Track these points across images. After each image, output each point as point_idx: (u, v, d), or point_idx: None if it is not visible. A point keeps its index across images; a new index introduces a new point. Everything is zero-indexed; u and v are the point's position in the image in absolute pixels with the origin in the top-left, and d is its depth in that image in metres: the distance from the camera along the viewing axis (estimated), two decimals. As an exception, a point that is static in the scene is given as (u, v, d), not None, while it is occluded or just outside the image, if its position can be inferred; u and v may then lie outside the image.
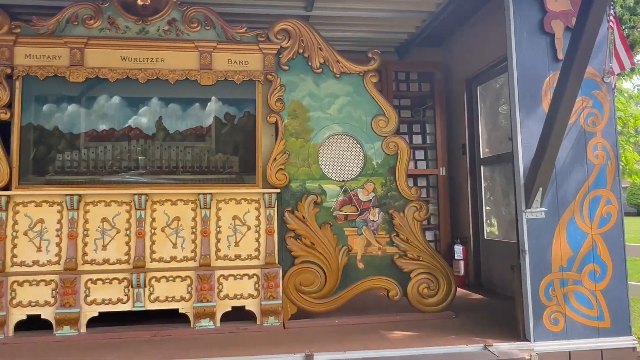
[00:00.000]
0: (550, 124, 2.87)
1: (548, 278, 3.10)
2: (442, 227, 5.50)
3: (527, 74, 3.19)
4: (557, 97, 2.83)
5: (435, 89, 5.62)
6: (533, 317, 3.06)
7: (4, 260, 3.29)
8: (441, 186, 5.55)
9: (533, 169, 3.05)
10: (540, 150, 2.97)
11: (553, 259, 3.12)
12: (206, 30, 3.68)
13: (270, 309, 3.46)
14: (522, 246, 3.13)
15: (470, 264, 5.27)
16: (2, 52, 3.42)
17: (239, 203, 3.59)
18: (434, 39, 5.77)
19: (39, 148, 3.44)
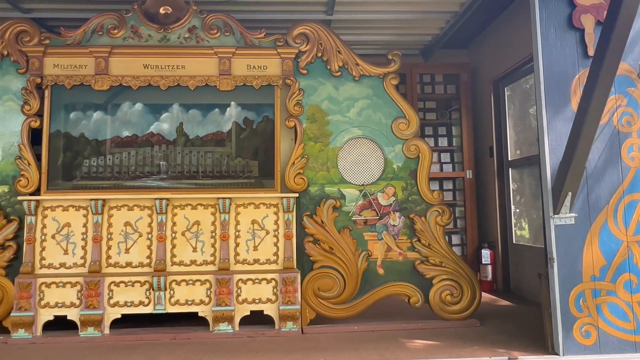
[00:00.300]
0: (579, 124, 2.61)
1: (579, 288, 2.82)
2: (469, 231, 5.22)
3: (554, 72, 2.93)
4: (586, 95, 2.57)
5: (461, 91, 5.36)
6: (562, 330, 2.79)
7: (33, 263, 3.32)
8: (467, 189, 5.28)
9: (561, 172, 2.79)
10: (568, 152, 2.71)
11: (584, 267, 2.84)
12: (225, 36, 3.61)
13: (288, 314, 3.34)
14: (550, 254, 2.87)
15: (498, 269, 4.98)
16: (32, 62, 3.47)
17: (258, 207, 3.49)
18: (460, 41, 5.51)
19: (66, 154, 3.46)
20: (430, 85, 5.47)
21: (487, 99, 5.17)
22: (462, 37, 5.46)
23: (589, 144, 2.63)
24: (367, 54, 5.37)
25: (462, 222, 5.32)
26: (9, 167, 3.43)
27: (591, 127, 2.56)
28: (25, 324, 3.22)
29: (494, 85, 5.05)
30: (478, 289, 3.56)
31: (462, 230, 5.32)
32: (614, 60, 2.41)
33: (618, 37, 2.37)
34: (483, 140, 5.33)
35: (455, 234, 5.34)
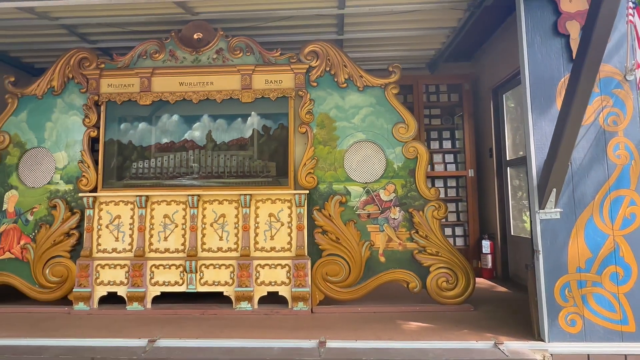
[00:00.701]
0: (562, 124, 2.30)
1: (564, 279, 2.50)
2: (471, 224, 4.87)
3: (540, 76, 2.62)
4: (568, 96, 2.25)
5: (463, 99, 5.00)
6: (548, 318, 2.48)
7: (91, 248, 3.37)
8: (469, 186, 4.92)
9: (546, 169, 2.48)
10: (552, 151, 2.40)
11: (569, 259, 2.51)
12: (247, 56, 3.52)
13: (299, 295, 3.20)
14: (536, 246, 2.56)
15: (497, 258, 4.61)
16: (91, 83, 3.53)
17: (274, 202, 3.38)
18: (464, 54, 5.16)
19: (117, 158, 3.49)
20: (435, 94, 5.15)
21: (487, 105, 4.80)
22: (466, 51, 5.10)
23: (572, 143, 2.32)
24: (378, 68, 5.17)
25: (465, 215, 4.97)
26: (73, 170, 3.51)
27: (574, 126, 2.25)
28: (84, 298, 3.27)
29: (493, 93, 4.67)
30: (472, 277, 3.28)
31: (464, 223, 4.97)
32: (594, 61, 2.10)
33: (598, 39, 2.06)
34: (483, 142, 4.96)
35: (459, 226, 5.00)
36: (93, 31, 3.95)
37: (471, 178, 4.91)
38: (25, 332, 2.78)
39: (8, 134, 3.56)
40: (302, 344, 2.51)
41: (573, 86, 2.19)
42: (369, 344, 2.50)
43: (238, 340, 2.57)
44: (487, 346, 2.46)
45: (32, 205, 3.49)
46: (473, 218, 4.88)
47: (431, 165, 5.03)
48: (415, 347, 2.45)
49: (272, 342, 2.54)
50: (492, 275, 4.58)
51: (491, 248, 4.60)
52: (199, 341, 2.57)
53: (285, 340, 2.56)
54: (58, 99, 3.57)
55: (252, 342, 2.54)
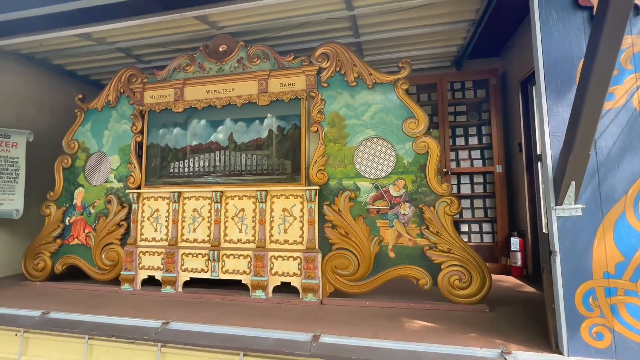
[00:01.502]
0: (578, 106, 1.73)
1: (587, 285, 1.91)
2: (499, 220, 4.17)
3: (557, 56, 2.04)
4: (585, 72, 1.69)
5: (490, 94, 4.32)
6: (567, 328, 1.91)
7: (135, 237, 3.42)
8: (497, 182, 4.22)
9: (562, 160, 1.91)
10: (569, 139, 1.84)
11: (595, 263, 1.91)
12: (263, 62, 3.32)
13: (309, 287, 2.92)
14: (552, 247, 1.99)
15: (528, 256, 3.88)
16: (136, 96, 3.60)
17: (288, 198, 3.13)
18: (491, 49, 4.49)
19: (156, 159, 3.51)
20: (461, 91, 4.52)
21: (516, 99, 4.07)
22: (493, 46, 4.43)
23: (592, 129, 1.74)
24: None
25: (493, 212, 4.28)
26: (123, 170, 3.61)
27: (593, 109, 1.68)
28: (129, 280, 3.32)
29: (521, 86, 3.94)
30: (488, 276, 2.72)
31: (492, 220, 4.29)
32: (617, 25, 1.52)
33: (621, -1, 1.49)
34: (512, 137, 4.23)
35: (486, 222, 4.33)
36: (144, 52, 4.06)
37: (499, 174, 4.21)
38: (74, 306, 2.87)
39: (77, 142, 3.78)
40: (297, 336, 2.22)
41: (590, 59, 1.62)
42: (363, 341, 2.13)
43: (240, 328, 2.35)
44: (491, 355, 1.96)
45: (93, 200, 3.65)
46: (502, 214, 4.18)
47: (456, 161, 4.43)
48: (410, 349, 2.03)
49: (270, 333, 2.29)
50: (522, 274, 3.87)
51: (521, 245, 3.89)
52: (205, 326, 2.41)
53: (282, 331, 2.29)
54: (113, 111, 3.70)
55: (252, 331, 2.31)
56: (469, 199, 4.38)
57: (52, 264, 3.63)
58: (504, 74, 4.44)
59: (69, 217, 3.70)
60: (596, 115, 1.69)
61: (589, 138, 1.75)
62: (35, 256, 3.67)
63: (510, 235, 3.99)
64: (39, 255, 3.66)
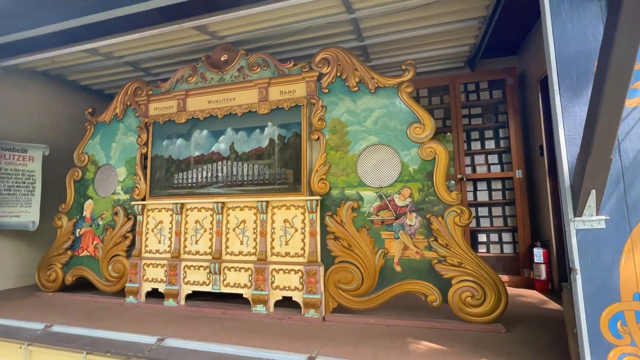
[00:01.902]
0: (595, 104, 1.53)
1: (615, 308, 1.67)
2: (520, 230, 3.88)
3: (570, 50, 1.83)
4: (601, 64, 1.48)
5: (507, 94, 4.06)
6: (592, 357, 1.67)
7: (140, 249, 3.42)
8: (517, 188, 3.94)
9: (580, 165, 1.70)
10: (586, 141, 1.63)
11: (622, 283, 1.67)
12: (264, 70, 3.26)
13: (310, 302, 2.78)
14: (572, 263, 1.77)
15: (553, 268, 3.57)
16: (141, 108, 3.63)
17: (289, 209, 3.02)
18: (508, 47, 4.25)
19: (160, 171, 3.51)
20: (475, 92, 4.29)
21: (535, 99, 3.80)
22: (509, 44, 4.19)
23: (612, 129, 1.52)
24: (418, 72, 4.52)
25: (513, 220, 3.99)
26: (129, 182, 3.64)
27: (613, 107, 1.47)
28: (133, 292, 3.31)
29: (541, 85, 3.67)
30: (504, 294, 2.49)
31: (513, 229, 3.99)
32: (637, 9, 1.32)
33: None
34: (532, 140, 3.95)
35: (506, 232, 4.04)
36: (151, 65, 4.12)
37: (519, 179, 3.93)
38: (77, 319, 2.87)
39: (87, 155, 3.86)
40: (292, 357, 2.10)
41: (606, 50, 1.42)
42: (360, 365, 1.98)
43: (234, 347, 2.25)
44: (503, 385, 1.75)
45: (102, 212, 3.70)
46: (523, 223, 3.89)
47: (472, 167, 4.18)
48: (411, 377, 1.85)
49: (264, 353, 2.17)
50: (546, 288, 3.56)
51: (545, 257, 3.59)
52: (200, 344, 2.32)
53: (277, 351, 2.17)
54: (120, 124, 3.76)
55: (246, 351, 2.21)
56: (486, 207, 4.11)
57: (63, 275, 3.70)
58: (522, 73, 4.18)
59: (79, 229, 3.77)
60: (617, 114, 1.48)
61: (609, 140, 1.53)
62: (48, 267, 3.75)
63: (533, 246, 3.70)
64: (51, 266, 3.74)
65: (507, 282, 3.82)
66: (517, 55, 4.38)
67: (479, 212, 4.12)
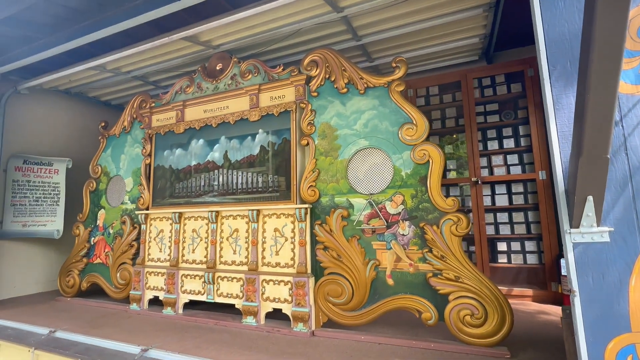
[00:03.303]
0: (582, 90, 1.26)
1: (624, 340, 1.36)
2: (546, 237, 3.45)
3: (562, 31, 1.57)
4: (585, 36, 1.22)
5: (526, 87, 3.66)
6: (596, 398, 1.38)
7: (143, 257, 3.51)
8: (541, 191, 3.52)
9: (573, 167, 1.42)
10: (576, 137, 1.36)
11: (633, 309, 1.36)
12: (255, 76, 3.22)
13: (299, 316, 2.65)
14: (569, 283, 1.48)
15: (585, 283, 3.12)
16: (145, 120, 3.76)
17: (279, 217, 2.93)
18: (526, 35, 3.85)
19: (161, 180, 3.58)
20: (491, 87, 3.92)
21: (559, 90, 3.39)
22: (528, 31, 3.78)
23: (606, 121, 1.25)
24: (421, 70, 4.27)
25: (537, 227, 3.57)
26: (136, 192, 3.76)
27: (603, 89, 1.20)
28: (137, 299, 3.40)
29: (564, 74, 3.27)
30: (509, 313, 2.19)
31: (537, 237, 3.57)
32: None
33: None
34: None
35: (530, 240, 3.62)
36: (158, 78, 4.26)
37: (543, 181, 3.51)
38: (81, 325, 2.98)
39: (100, 167, 4.06)
40: (263, 376, 1.99)
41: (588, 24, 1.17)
42: (331, 390, 1.81)
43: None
44: None
45: (112, 221, 3.86)
46: (549, 230, 3.46)
47: (489, 168, 3.82)
48: (382, 407, 1.65)
49: (237, 369, 2.08)
50: (577, 305, 3.11)
51: (574, 269, 3.15)
52: (180, 356, 2.29)
53: (251, 368, 2.08)
54: (128, 136, 3.91)
55: (220, 366, 2.14)
56: (506, 212, 3.72)
57: (80, 281, 3.90)
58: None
59: (93, 237, 3.96)
60: (609, 102, 1.21)
61: (602, 135, 1.26)
62: (67, 274, 3.98)
63: (561, 256, 3.27)
64: (70, 272, 3.97)
65: (531, 296, 3.42)
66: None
67: (498, 219, 3.74)
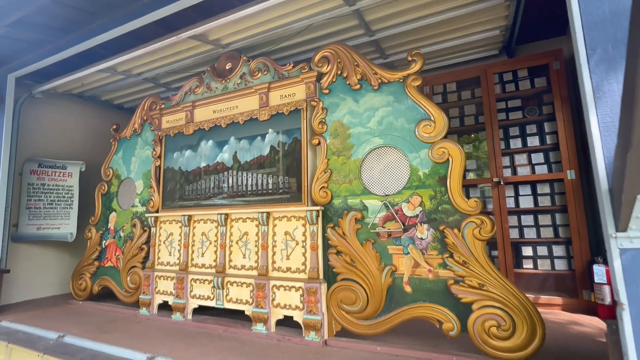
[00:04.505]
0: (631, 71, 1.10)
1: (684, 362, 1.18)
2: (576, 242, 3.21)
3: (603, 10, 1.40)
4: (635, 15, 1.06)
5: (552, 82, 3.44)
6: None
7: (153, 261, 3.46)
8: (570, 192, 3.28)
9: (619, 163, 1.25)
10: (623, 128, 1.19)
11: (695, 326, 1.18)
12: (264, 75, 3.13)
13: (310, 324, 2.52)
14: (616, 295, 1.30)
15: (621, 291, 2.87)
16: (155, 122, 3.72)
17: (290, 220, 2.82)
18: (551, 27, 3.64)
19: (171, 183, 3.53)
20: (513, 82, 3.71)
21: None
22: (552, 22, 3.58)
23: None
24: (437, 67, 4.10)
25: (566, 230, 3.33)
26: (146, 194, 3.72)
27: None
28: (146, 304, 3.34)
29: (594, 66, 3.05)
30: (540, 324, 2.00)
31: (566, 241, 3.33)
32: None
33: None
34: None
35: (558, 244, 3.38)
36: (169, 79, 4.24)
37: (572, 181, 3.28)
38: (90, 330, 2.94)
39: (112, 169, 4.05)
40: (272, 390, 1.87)
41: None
42: (344, 407, 1.68)
43: (217, 371, 2.10)
44: None
45: (123, 224, 3.83)
46: (579, 234, 3.22)
47: (512, 168, 3.61)
48: None
49: (245, 381, 1.97)
50: (612, 315, 2.87)
51: (608, 276, 2.91)
52: (186, 365, 2.21)
53: (259, 380, 1.96)
54: (138, 138, 3.89)
55: (228, 377, 2.03)
56: (531, 215, 3.50)
57: (92, 284, 3.89)
58: (572, 55, 3.53)
59: (104, 240, 3.95)
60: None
61: (657, 125, 1.09)
62: (79, 277, 3.98)
63: (593, 262, 3.04)
64: (82, 276, 3.96)
65: (560, 305, 3.18)
66: (565, 34, 3.73)
67: (522, 221, 3.52)
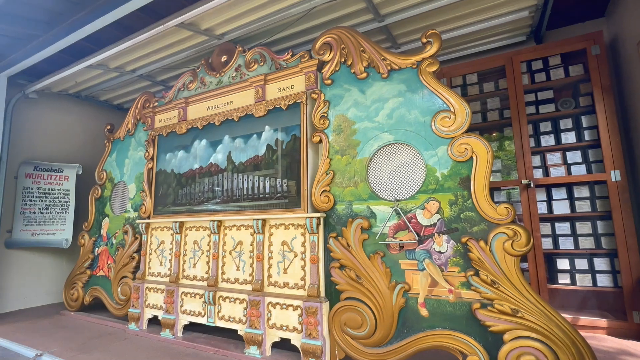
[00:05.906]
0: None
1: None
2: (622, 254, 2.75)
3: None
4: None
5: (590, 69, 2.99)
6: None
7: (144, 271, 3.19)
8: (614, 196, 2.82)
9: None
10: None
11: None
12: (260, 66, 2.83)
13: (310, 350, 2.18)
14: None
15: (683, 315, 2.42)
16: (148, 121, 3.48)
17: (287, 228, 2.49)
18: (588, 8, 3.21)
19: (163, 186, 3.27)
20: (543, 71, 3.27)
21: (636, 69, 2.72)
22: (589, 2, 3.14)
23: None
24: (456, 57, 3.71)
25: (610, 241, 2.87)
26: (138, 199, 3.47)
27: None
28: (135, 318, 3.08)
29: (645, 48, 2.61)
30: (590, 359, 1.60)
31: (611, 253, 2.87)
32: None
33: None
34: (634, 128, 2.83)
35: (601, 257, 2.92)
36: (166, 76, 3.99)
37: (617, 183, 2.83)
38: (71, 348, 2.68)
39: (106, 172, 3.84)
40: None
41: None
42: None
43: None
44: None
45: (115, 230, 3.60)
46: (627, 244, 2.76)
47: (543, 168, 3.18)
48: None
49: None
50: (673, 344, 2.41)
51: (666, 297, 2.46)
52: (162, 399, 1.91)
53: None
54: (132, 139, 3.66)
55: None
56: (567, 222, 3.05)
57: (84, 294, 3.67)
58: (614, 38, 3.09)
59: (97, 248, 3.72)
60: None
61: None
62: (71, 286, 3.76)
63: (645, 279, 2.58)
64: (74, 285, 3.75)
65: (605, 328, 2.73)
66: (605, 16, 3.28)
67: (556, 230, 3.07)
